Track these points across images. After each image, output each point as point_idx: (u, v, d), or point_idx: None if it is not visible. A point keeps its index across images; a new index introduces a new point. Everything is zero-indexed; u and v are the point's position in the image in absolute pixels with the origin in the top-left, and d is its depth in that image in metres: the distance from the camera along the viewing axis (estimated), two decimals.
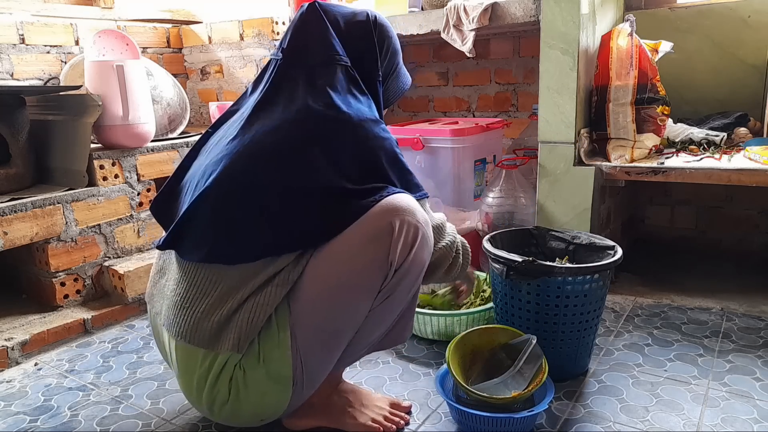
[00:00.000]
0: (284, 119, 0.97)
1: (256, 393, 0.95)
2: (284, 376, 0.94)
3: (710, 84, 1.89)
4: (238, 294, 0.92)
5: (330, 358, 0.98)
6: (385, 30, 1.10)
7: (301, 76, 1.01)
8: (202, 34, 2.44)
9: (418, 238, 0.93)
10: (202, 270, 0.95)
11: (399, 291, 0.97)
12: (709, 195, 1.98)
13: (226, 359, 0.94)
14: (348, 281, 0.93)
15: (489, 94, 2.34)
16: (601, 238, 1.30)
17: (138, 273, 1.66)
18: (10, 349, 1.41)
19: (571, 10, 1.54)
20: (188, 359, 0.96)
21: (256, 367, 0.94)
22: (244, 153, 0.95)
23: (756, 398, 1.13)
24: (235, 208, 0.93)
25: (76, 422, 1.16)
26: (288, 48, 1.04)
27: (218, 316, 0.92)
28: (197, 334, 0.94)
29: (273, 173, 0.93)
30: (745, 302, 1.57)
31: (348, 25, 1.05)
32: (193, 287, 0.95)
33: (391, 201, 0.93)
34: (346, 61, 1.03)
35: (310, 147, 0.95)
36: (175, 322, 0.97)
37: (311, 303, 0.93)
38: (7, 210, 1.47)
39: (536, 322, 1.19)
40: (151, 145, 1.81)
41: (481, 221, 1.81)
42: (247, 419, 1.00)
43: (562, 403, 1.15)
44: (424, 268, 0.99)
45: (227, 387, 0.95)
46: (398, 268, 0.93)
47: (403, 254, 0.93)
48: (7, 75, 1.96)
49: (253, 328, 0.92)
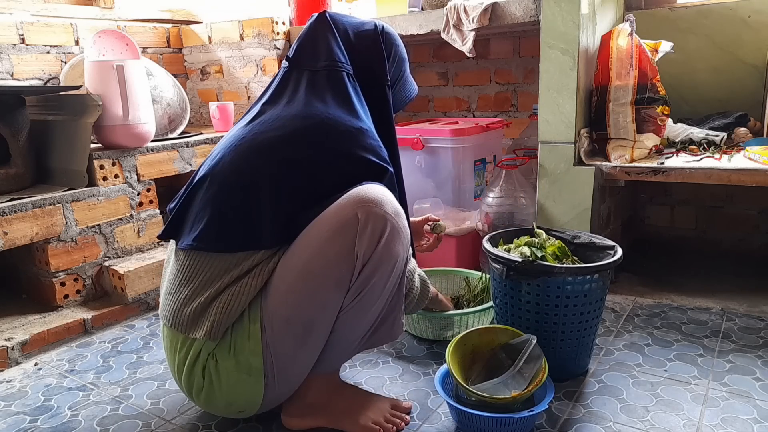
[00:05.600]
0: (280, 120, 1.01)
1: (228, 383, 0.98)
2: (255, 368, 0.97)
3: (710, 84, 1.89)
4: (217, 283, 0.96)
5: (303, 352, 0.98)
6: (392, 38, 1.15)
7: (303, 81, 1.05)
8: (202, 34, 2.44)
9: (386, 230, 0.93)
10: (189, 258, 0.99)
11: (372, 286, 0.96)
12: (709, 195, 1.98)
13: (200, 347, 0.98)
14: (315, 271, 0.93)
15: (489, 94, 2.34)
16: (601, 238, 1.30)
17: (138, 273, 1.66)
18: (10, 349, 1.41)
19: (571, 10, 1.54)
20: (171, 344, 1.03)
21: (227, 357, 0.97)
22: (237, 149, 1.00)
23: (756, 398, 1.13)
24: (223, 199, 0.97)
25: (76, 422, 1.16)
26: (294, 55, 1.09)
27: (197, 303, 0.96)
28: (177, 318, 0.99)
29: (261, 169, 0.97)
30: (745, 302, 1.57)
31: (356, 35, 1.10)
32: (180, 274, 1.00)
33: (359, 191, 0.94)
34: (349, 69, 1.07)
35: (299, 147, 0.98)
36: (163, 306, 1.04)
37: (281, 294, 0.95)
38: (7, 210, 1.47)
39: (536, 322, 1.19)
40: (151, 145, 1.81)
41: (481, 221, 1.81)
42: (223, 409, 1.04)
43: (562, 403, 1.15)
44: (399, 262, 0.98)
45: (201, 375, 0.99)
46: (366, 261, 0.93)
47: (371, 246, 0.93)
48: (7, 75, 1.96)
49: (226, 317, 0.95)
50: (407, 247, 1.00)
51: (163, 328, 1.06)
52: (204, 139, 1.98)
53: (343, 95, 1.05)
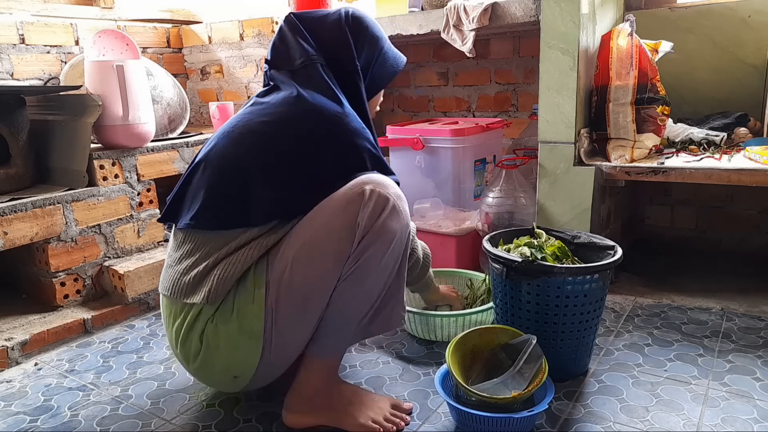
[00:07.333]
0: (269, 108, 1.09)
1: (228, 347, 1.03)
2: (256, 331, 1.01)
3: (710, 84, 1.89)
4: (215, 255, 1.03)
5: (300, 322, 1.03)
6: (360, 21, 1.18)
7: (285, 80, 1.13)
8: (202, 34, 2.44)
9: (387, 206, 1.00)
10: (189, 235, 1.06)
11: (368, 258, 1.00)
12: (709, 195, 1.98)
13: (198, 313, 1.03)
14: (318, 242, 1.00)
15: (489, 94, 2.34)
16: (601, 238, 1.30)
17: (138, 273, 1.66)
18: (10, 349, 1.41)
19: (571, 10, 1.54)
20: (169, 312, 1.08)
21: (229, 321, 1.02)
22: (229, 135, 1.08)
23: (756, 398, 1.13)
24: (216, 181, 1.05)
25: (76, 422, 1.16)
26: (271, 58, 1.17)
27: (195, 271, 1.03)
28: (177, 286, 1.04)
29: (249, 153, 1.04)
30: (745, 302, 1.57)
31: (321, 27, 1.16)
32: (179, 249, 1.07)
33: (368, 175, 1.04)
34: (321, 60, 1.14)
35: (286, 132, 1.05)
36: (163, 279, 1.10)
37: (287, 262, 1.01)
38: (7, 210, 1.47)
39: (536, 322, 1.19)
40: (151, 145, 1.81)
41: (481, 221, 1.81)
42: (219, 374, 1.07)
43: (562, 403, 1.15)
44: (396, 241, 1.03)
45: (198, 340, 1.03)
46: (365, 233, 0.99)
47: (371, 219, 0.99)
48: (7, 75, 1.96)
49: (224, 284, 1.01)
50: (405, 231, 1.05)
51: (162, 299, 1.11)
52: (204, 139, 1.98)
53: (323, 85, 1.11)
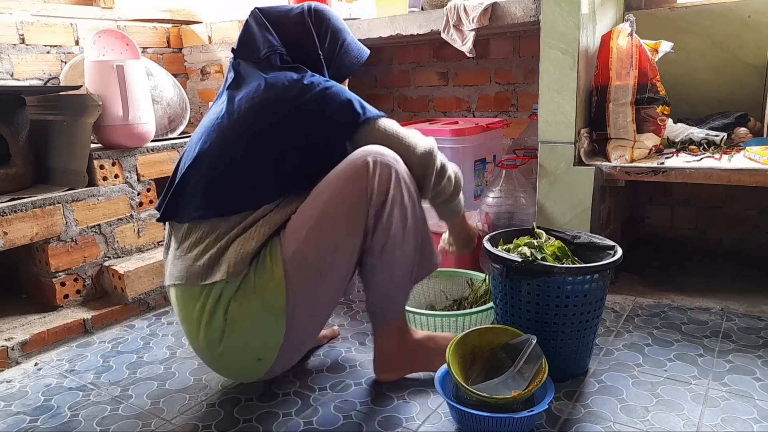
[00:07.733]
0: (247, 95, 1.12)
1: (253, 324, 1.06)
2: (278, 306, 1.05)
3: (710, 84, 1.89)
4: (227, 236, 1.06)
5: (318, 295, 1.08)
6: (322, 14, 1.24)
7: (251, 70, 1.17)
8: (202, 34, 2.44)
9: (392, 173, 1.07)
10: (195, 225, 1.09)
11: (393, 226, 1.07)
12: (709, 195, 1.98)
13: (219, 293, 1.05)
14: (330, 215, 1.05)
15: (489, 94, 2.34)
16: (601, 238, 1.30)
17: (138, 273, 1.66)
18: (10, 349, 1.41)
19: (571, 10, 1.54)
20: (186, 301, 1.08)
21: (251, 298, 1.05)
22: (218, 129, 1.11)
23: (756, 398, 1.13)
24: (213, 171, 1.08)
25: (76, 422, 1.16)
26: (237, 50, 1.22)
27: (209, 255, 1.05)
28: (191, 272, 1.06)
29: (239, 141, 1.09)
30: (745, 302, 1.57)
31: (285, 21, 1.21)
32: (186, 240, 1.09)
33: (366, 147, 1.10)
34: (282, 51, 1.18)
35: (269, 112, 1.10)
36: (171, 272, 1.11)
37: (298, 237, 1.05)
38: (7, 210, 1.47)
39: (536, 322, 1.19)
40: (151, 145, 1.81)
41: (481, 221, 1.81)
42: (245, 358, 1.10)
43: (562, 403, 1.15)
44: (408, 200, 1.09)
45: (223, 318, 1.05)
46: (381, 202, 1.05)
47: (382, 187, 1.05)
48: (7, 75, 1.96)
49: (241, 259, 1.04)
50: (414, 185, 1.12)
51: (174, 291, 1.11)
52: None
53: (287, 69, 1.16)
